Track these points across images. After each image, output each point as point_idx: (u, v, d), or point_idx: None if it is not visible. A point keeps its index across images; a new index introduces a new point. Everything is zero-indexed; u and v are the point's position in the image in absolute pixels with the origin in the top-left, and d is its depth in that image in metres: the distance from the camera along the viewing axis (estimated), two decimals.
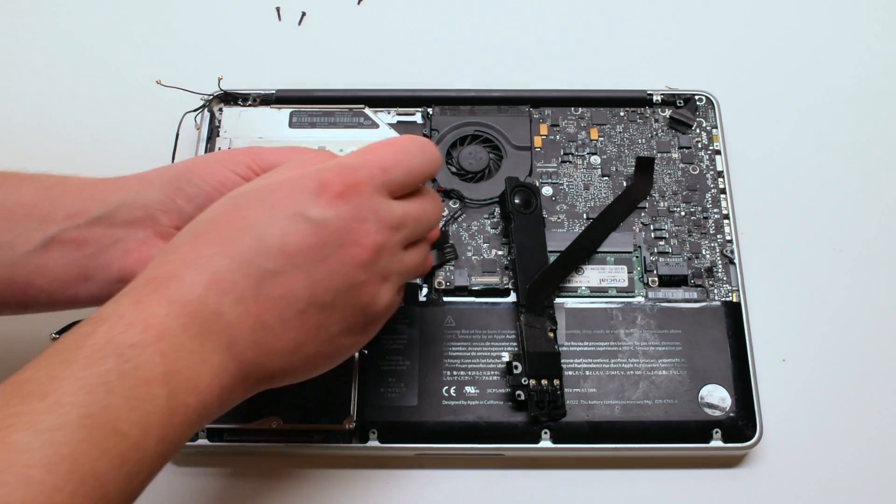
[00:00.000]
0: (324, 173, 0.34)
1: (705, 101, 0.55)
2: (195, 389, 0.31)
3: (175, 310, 0.31)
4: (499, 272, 0.49)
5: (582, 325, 0.48)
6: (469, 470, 0.46)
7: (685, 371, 0.46)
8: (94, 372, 0.29)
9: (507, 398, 0.46)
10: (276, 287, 0.33)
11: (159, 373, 0.30)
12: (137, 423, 0.29)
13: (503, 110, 0.54)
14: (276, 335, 0.33)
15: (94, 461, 0.28)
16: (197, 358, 0.31)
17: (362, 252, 0.34)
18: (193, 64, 0.60)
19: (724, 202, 0.51)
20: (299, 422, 0.45)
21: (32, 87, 0.60)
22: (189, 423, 0.31)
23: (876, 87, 0.59)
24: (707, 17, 0.62)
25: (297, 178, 0.35)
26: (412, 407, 0.45)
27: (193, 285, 0.32)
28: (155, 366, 0.30)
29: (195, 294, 0.32)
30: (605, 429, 0.45)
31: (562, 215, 0.51)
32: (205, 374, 0.31)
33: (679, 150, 0.53)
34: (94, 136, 0.57)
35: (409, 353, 0.47)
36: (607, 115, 0.54)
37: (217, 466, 0.46)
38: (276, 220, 0.33)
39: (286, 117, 0.54)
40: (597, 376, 0.46)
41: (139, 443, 0.29)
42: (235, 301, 0.32)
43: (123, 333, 0.30)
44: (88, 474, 0.27)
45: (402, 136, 0.39)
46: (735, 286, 0.49)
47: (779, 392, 0.48)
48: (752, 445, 0.45)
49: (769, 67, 0.60)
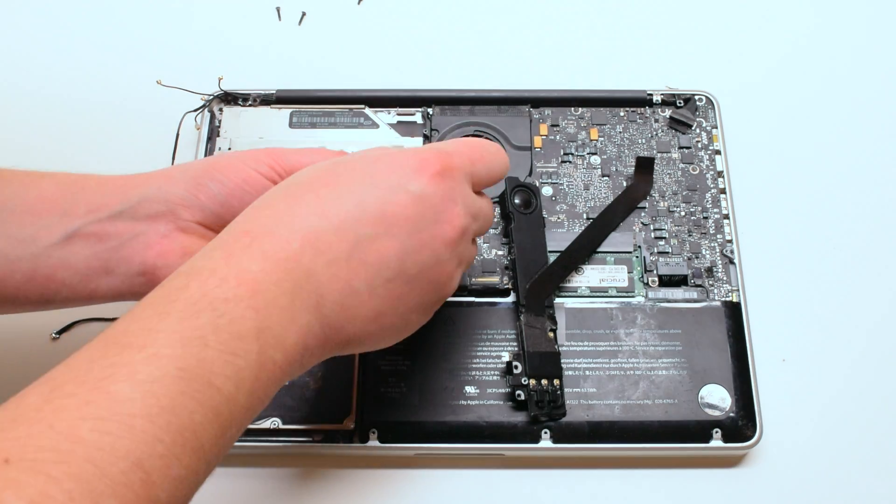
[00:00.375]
0: (423, 153, 0.36)
1: (705, 101, 0.55)
2: (282, 346, 0.31)
3: (269, 266, 0.31)
4: (499, 272, 0.49)
5: (582, 324, 0.48)
6: (469, 470, 0.46)
7: (685, 371, 0.46)
8: (190, 325, 0.29)
9: (507, 398, 0.46)
10: (370, 253, 0.34)
11: (252, 328, 0.30)
12: (231, 377, 0.29)
13: (503, 110, 0.54)
14: (361, 301, 0.34)
15: (190, 413, 0.28)
16: (287, 315, 0.31)
17: (451, 231, 0.36)
18: (193, 64, 0.60)
19: (724, 202, 0.51)
20: (299, 422, 0.45)
21: (32, 87, 0.59)
22: (275, 379, 0.31)
23: (876, 86, 0.59)
24: (707, 17, 0.62)
25: (397, 154, 0.36)
26: (412, 407, 0.45)
27: (289, 242, 0.32)
28: (248, 321, 0.30)
29: (290, 251, 0.32)
30: (605, 429, 0.45)
31: (562, 215, 0.51)
32: (292, 331, 0.32)
33: (679, 150, 0.53)
34: (94, 136, 0.57)
35: (409, 353, 0.47)
36: (607, 115, 0.54)
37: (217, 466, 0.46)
38: (377, 188, 0.35)
39: (286, 117, 0.54)
40: (597, 376, 0.46)
41: (232, 396, 0.29)
42: (328, 263, 0.33)
43: (217, 288, 0.30)
44: (186, 426, 0.27)
45: (478, 139, 0.41)
46: (735, 286, 0.49)
47: (779, 392, 0.48)
48: (752, 445, 0.45)
49: (769, 67, 0.60)
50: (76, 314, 0.50)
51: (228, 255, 0.32)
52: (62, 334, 0.49)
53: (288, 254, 0.32)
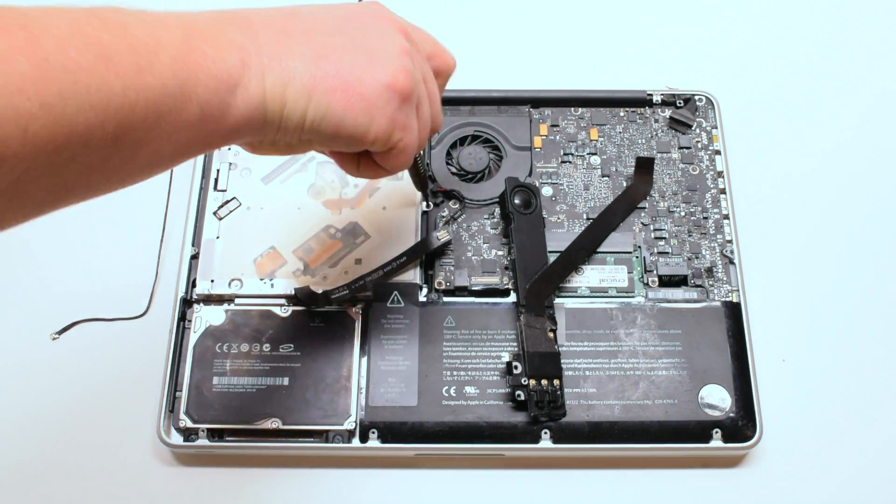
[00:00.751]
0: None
1: (705, 101, 0.55)
2: (212, 44, 0.31)
3: (207, 13, 0.33)
4: (499, 272, 0.49)
5: (582, 325, 0.48)
6: (469, 470, 0.46)
7: (685, 371, 0.46)
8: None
9: (507, 398, 0.46)
10: (306, 18, 0.35)
11: (177, 23, 0.31)
12: (149, 34, 0.30)
13: (503, 110, 0.54)
14: (297, 40, 0.34)
15: (98, 32, 0.28)
16: (217, 29, 0.32)
17: (394, 24, 0.37)
18: None
19: (724, 202, 0.51)
20: (299, 422, 0.45)
21: None
22: (201, 72, 0.31)
23: (876, 86, 0.59)
24: (707, 17, 0.62)
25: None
26: (412, 407, 0.45)
27: (230, 9, 0.34)
28: (174, 19, 0.31)
29: (229, 10, 0.34)
30: (605, 429, 0.45)
31: (562, 215, 0.51)
32: (223, 43, 0.32)
33: (679, 151, 0.53)
34: None
35: (409, 353, 0.47)
36: (607, 115, 0.54)
37: (217, 466, 0.46)
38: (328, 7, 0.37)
39: None
40: (597, 376, 0.46)
41: (151, 50, 0.29)
42: (265, 17, 0.34)
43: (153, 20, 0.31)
44: (92, 40, 0.28)
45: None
46: (735, 286, 0.49)
47: (779, 392, 0.48)
48: (752, 445, 0.45)
49: (769, 67, 0.60)
50: (76, 314, 0.50)
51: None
52: (62, 334, 0.49)
53: (226, 11, 0.34)
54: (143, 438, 0.47)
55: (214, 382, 0.46)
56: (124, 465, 0.46)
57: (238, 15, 0.34)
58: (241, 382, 0.46)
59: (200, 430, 0.45)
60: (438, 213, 0.51)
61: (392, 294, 0.48)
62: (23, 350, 0.49)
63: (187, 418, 0.45)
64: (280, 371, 0.46)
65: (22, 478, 0.46)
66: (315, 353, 0.46)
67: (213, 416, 0.45)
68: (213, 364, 0.46)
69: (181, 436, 0.45)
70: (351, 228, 0.50)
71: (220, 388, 0.46)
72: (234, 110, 0.32)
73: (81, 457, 0.46)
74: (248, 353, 0.46)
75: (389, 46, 0.36)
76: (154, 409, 0.46)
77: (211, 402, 0.45)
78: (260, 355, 0.46)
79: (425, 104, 0.38)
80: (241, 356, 0.46)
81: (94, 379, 0.49)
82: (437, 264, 0.49)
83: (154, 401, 0.47)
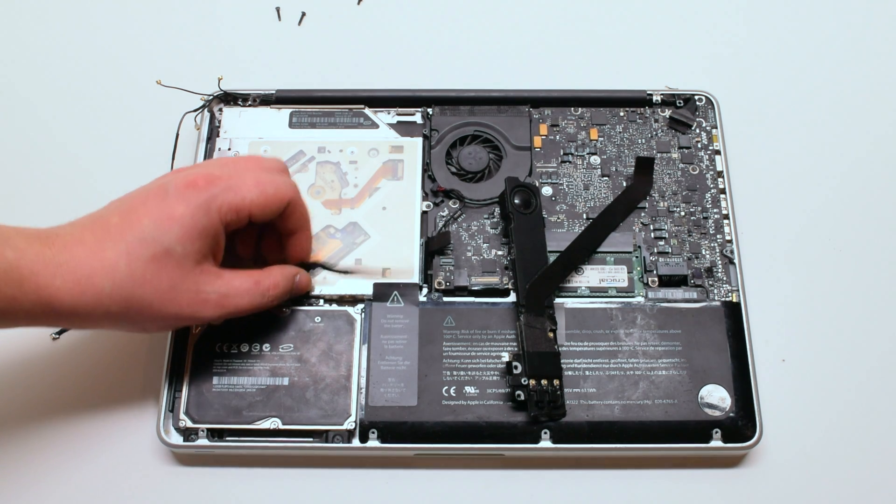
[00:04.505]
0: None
1: (705, 101, 0.55)
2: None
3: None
4: (499, 272, 0.49)
5: (582, 325, 0.48)
6: (469, 470, 0.46)
7: (685, 371, 0.46)
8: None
9: (507, 398, 0.46)
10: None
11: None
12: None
13: (503, 110, 0.54)
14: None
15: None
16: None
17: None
18: (193, 64, 0.60)
19: (724, 202, 0.51)
20: (299, 422, 0.45)
21: (32, 86, 0.60)
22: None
23: (876, 86, 0.59)
24: (707, 18, 0.62)
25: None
26: (412, 407, 0.45)
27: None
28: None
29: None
30: (604, 429, 0.45)
31: (562, 215, 0.51)
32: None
33: (679, 150, 0.53)
34: (94, 136, 0.57)
35: (409, 353, 0.47)
36: (607, 115, 0.54)
37: (217, 466, 0.46)
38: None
39: (286, 117, 0.54)
40: (597, 376, 0.46)
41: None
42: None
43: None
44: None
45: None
46: (735, 286, 0.49)
47: (779, 392, 0.48)
48: (752, 445, 0.45)
49: (769, 67, 0.60)
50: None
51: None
52: (62, 334, 0.49)
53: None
54: (143, 438, 0.47)
55: (214, 382, 0.46)
56: (124, 465, 0.46)
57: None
58: (241, 382, 0.46)
59: (200, 430, 0.45)
60: (438, 212, 0.51)
61: (392, 294, 0.48)
62: (23, 350, 0.49)
63: (187, 418, 0.45)
64: (280, 371, 0.46)
65: (22, 478, 0.46)
66: (315, 353, 0.46)
67: (213, 416, 0.45)
68: (213, 364, 0.46)
69: (181, 436, 0.45)
70: (351, 228, 0.50)
71: (220, 388, 0.46)
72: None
73: (81, 457, 0.46)
74: (248, 353, 0.46)
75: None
76: (154, 409, 0.46)
77: (211, 402, 0.45)
78: (260, 355, 0.46)
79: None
80: (241, 356, 0.46)
81: (93, 379, 0.49)
82: (437, 264, 0.49)
83: (154, 401, 0.47)
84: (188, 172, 0.43)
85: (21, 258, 0.39)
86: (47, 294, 0.39)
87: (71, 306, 0.39)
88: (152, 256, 0.40)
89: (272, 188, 0.43)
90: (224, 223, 0.42)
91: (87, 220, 0.42)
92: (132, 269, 0.40)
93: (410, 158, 0.52)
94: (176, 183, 0.42)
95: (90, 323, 0.41)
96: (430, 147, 0.53)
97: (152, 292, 0.41)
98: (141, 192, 0.43)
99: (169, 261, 0.41)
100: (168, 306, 0.41)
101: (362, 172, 0.52)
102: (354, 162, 0.52)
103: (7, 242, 0.39)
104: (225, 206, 0.42)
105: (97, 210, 0.42)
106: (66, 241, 0.40)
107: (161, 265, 0.40)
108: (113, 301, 0.40)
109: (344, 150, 0.53)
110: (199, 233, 0.41)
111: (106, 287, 0.40)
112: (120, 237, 0.40)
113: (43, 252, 0.39)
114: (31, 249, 0.39)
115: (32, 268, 0.39)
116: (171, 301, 0.41)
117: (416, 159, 0.52)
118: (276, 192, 0.43)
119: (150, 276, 0.40)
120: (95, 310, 0.40)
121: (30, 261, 0.39)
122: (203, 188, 0.42)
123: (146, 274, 0.40)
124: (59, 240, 0.40)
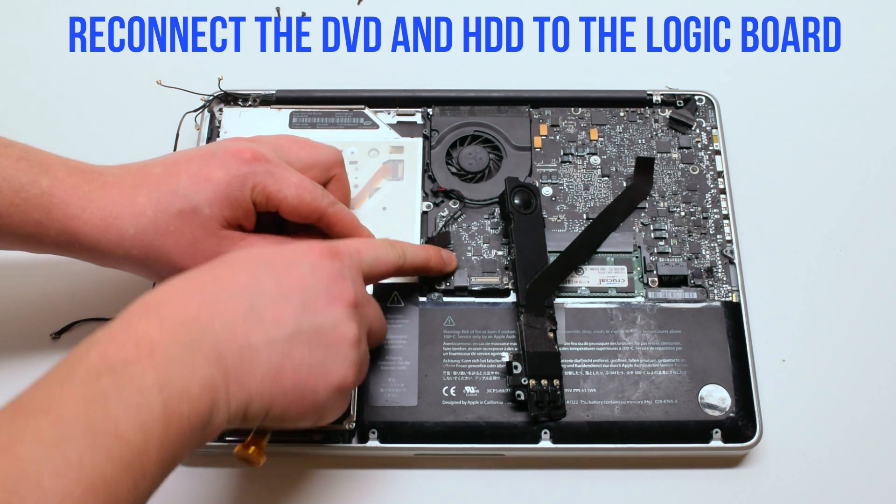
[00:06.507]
0: (311, 242, 0.40)
1: (705, 101, 0.55)
2: (187, 398, 0.32)
3: (166, 326, 0.33)
4: (499, 272, 0.49)
5: (582, 325, 0.48)
6: (469, 470, 0.46)
7: (685, 371, 0.46)
8: (91, 387, 0.30)
9: (507, 398, 0.46)
10: (266, 312, 0.36)
11: (153, 383, 0.31)
12: (138, 430, 0.30)
13: (503, 110, 0.54)
14: (260, 355, 0.35)
15: (100, 466, 0.29)
16: (188, 368, 0.32)
17: (344, 299, 0.38)
18: (193, 64, 0.60)
19: (724, 202, 0.51)
20: None
21: (33, 86, 0.60)
22: (186, 432, 0.32)
23: (875, 86, 0.59)
24: (707, 18, 0.62)
25: (285, 245, 0.40)
26: (412, 407, 0.45)
27: (186, 307, 0.34)
28: (148, 377, 0.31)
29: (187, 314, 0.34)
30: (604, 429, 0.45)
31: (562, 215, 0.51)
32: (195, 384, 0.32)
33: (679, 151, 0.53)
34: (94, 136, 0.57)
35: (409, 353, 0.47)
36: (607, 115, 0.54)
37: (218, 466, 0.46)
38: (271, 266, 0.37)
39: (286, 117, 0.54)
40: (597, 376, 0.46)
41: (142, 449, 0.30)
42: (225, 323, 0.34)
43: (116, 352, 0.31)
44: (97, 479, 0.28)
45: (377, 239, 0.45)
46: (735, 286, 0.49)
47: (779, 392, 0.48)
48: (752, 445, 0.45)
49: (769, 67, 0.60)
50: (76, 314, 0.50)
51: (127, 324, 0.33)
52: (62, 334, 0.49)
53: (185, 317, 0.34)
54: None
55: None
56: None
57: (199, 333, 0.33)
58: None
59: None
60: (438, 213, 0.51)
61: (392, 294, 0.48)
62: (23, 350, 0.49)
63: None
64: None
65: None
66: None
67: None
68: None
69: None
70: None
71: None
72: (199, 438, 0.33)
73: None
74: None
75: (342, 343, 0.38)
76: None
77: None
78: None
79: (367, 359, 0.41)
80: None
81: None
82: None
83: None
84: (240, 143, 0.43)
85: (55, 186, 0.41)
86: (73, 225, 0.40)
87: (93, 241, 0.41)
88: (179, 211, 0.41)
89: (310, 197, 0.44)
90: (254, 201, 0.43)
91: (135, 166, 0.43)
92: (157, 218, 0.41)
93: (410, 159, 0.52)
94: (224, 148, 0.43)
95: (111, 261, 0.43)
96: (430, 147, 0.53)
97: (173, 244, 0.41)
98: (191, 151, 0.44)
99: (195, 218, 0.41)
100: (186, 260, 0.42)
101: (362, 173, 0.52)
102: (354, 162, 0.52)
103: (47, 171, 0.41)
104: (259, 186, 0.42)
105: (149, 159, 0.44)
106: (106, 180, 0.42)
107: (186, 221, 0.41)
108: (134, 245, 0.41)
109: (344, 151, 0.53)
110: (229, 201, 0.42)
111: (129, 230, 0.41)
112: (155, 186, 0.42)
113: (80, 185, 0.41)
114: (69, 180, 0.41)
115: (64, 197, 0.41)
116: (190, 256, 0.42)
117: (416, 159, 0.52)
118: (313, 202, 0.44)
119: (174, 229, 0.41)
120: (115, 250, 0.41)
121: (63, 190, 0.41)
122: (246, 161, 0.42)
123: (170, 226, 0.41)
124: (100, 178, 0.42)
